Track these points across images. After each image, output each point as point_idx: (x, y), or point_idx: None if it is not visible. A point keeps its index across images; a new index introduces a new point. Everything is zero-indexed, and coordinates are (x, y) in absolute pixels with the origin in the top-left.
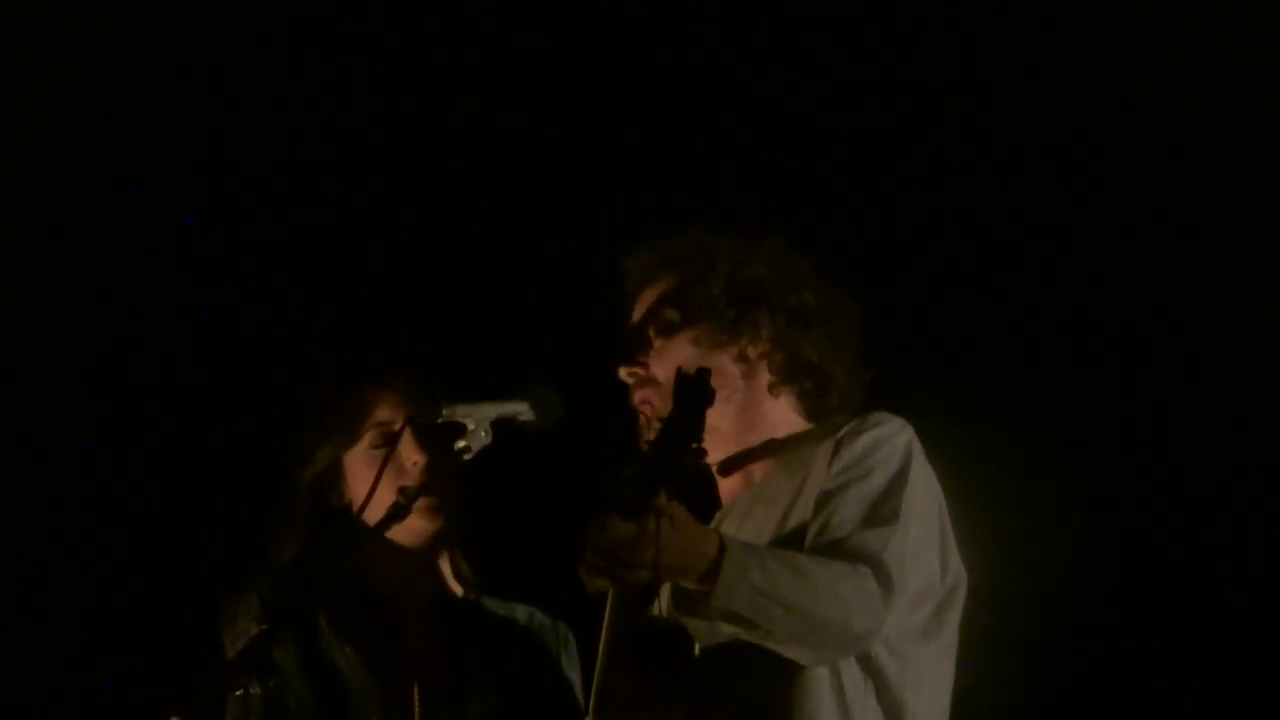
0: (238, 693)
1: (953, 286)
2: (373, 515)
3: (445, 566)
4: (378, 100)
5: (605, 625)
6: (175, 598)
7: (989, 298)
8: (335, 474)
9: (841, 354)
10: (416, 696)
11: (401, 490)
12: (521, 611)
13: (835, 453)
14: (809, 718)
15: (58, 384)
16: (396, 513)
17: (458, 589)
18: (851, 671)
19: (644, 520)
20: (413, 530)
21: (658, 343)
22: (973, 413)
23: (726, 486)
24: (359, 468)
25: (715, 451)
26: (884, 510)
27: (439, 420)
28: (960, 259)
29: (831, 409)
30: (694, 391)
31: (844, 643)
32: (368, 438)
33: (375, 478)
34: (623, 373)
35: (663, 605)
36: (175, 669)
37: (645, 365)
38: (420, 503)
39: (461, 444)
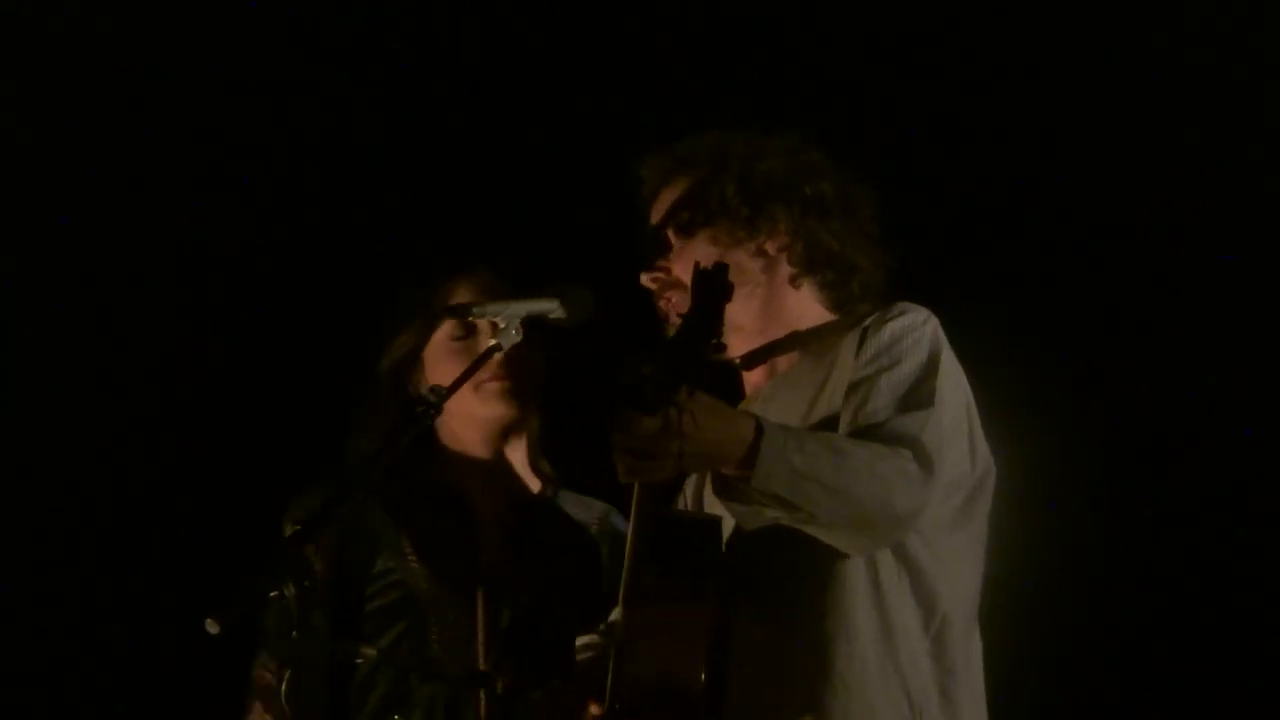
0: (272, 594)
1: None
2: (455, 403)
3: (523, 461)
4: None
5: (632, 520)
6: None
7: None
8: (412, 364)
9: (861, 241)
10: (480, 604)
11: (432, 389)
12: (598, 510)
13: (861, 343)
14: (845, 609)
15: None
16: (426, 412)
17: (535, 484)
18: (887, 562)
19: (667, 415)
20: (491, 423)
21: (677, 245)
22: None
23: (750, 380)
24: (438, 357)
25: (740, 347)
26: (918, 395)
27: (469, 319)
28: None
29: (855, 298)
30: (712, 286)
31: (887, 524)
32: (446, 327)
33: (461, 371)
34: (645, 278)
35: (688, 499)
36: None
37: (667, 269)
38: (500, 394)
39: (492, 342)
